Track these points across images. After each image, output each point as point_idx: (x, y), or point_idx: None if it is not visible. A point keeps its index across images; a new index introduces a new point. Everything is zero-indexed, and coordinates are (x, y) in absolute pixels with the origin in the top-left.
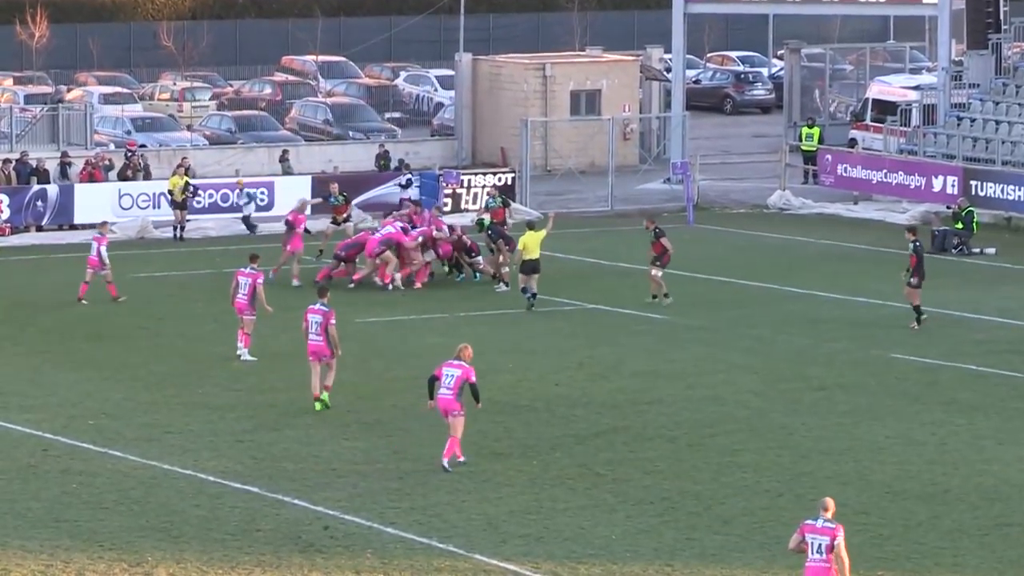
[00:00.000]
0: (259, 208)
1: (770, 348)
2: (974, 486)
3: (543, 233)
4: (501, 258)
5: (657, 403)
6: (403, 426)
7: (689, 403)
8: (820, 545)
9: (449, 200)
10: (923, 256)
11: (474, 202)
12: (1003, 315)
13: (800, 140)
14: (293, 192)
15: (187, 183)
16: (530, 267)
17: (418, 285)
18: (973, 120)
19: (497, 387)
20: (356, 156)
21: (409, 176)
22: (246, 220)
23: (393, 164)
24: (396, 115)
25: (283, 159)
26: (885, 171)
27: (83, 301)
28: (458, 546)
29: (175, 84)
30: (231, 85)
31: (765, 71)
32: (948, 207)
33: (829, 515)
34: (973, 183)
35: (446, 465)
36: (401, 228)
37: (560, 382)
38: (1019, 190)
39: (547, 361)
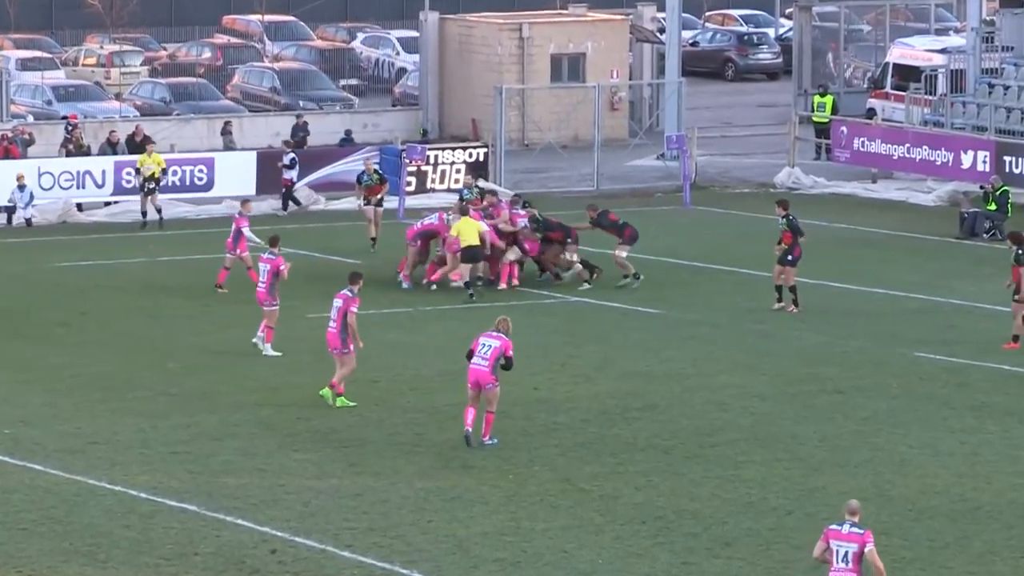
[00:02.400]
0: (197, 188)
1: (778, 346)
2: (1008, 502)
3: (480, 223)
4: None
5: (650, 409)
6: (361, 436)
7: (686, 408)
8: (847, 553)
9: (413, 179)
10: (799, 231)
11: (441, 180)
12: None
13: (811, 110)
14: (236, 170)
15: (162, 169)
16: (469, 255)
17: (504, 285)
18: (1007, 88)
19: (466, 390)
20: (308, 128)
21: (292, 155)
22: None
23: (340, 137)
24: (353, 82)
25: (225, 132)
26: (907, 145)
27: (221, 288)
28: (424, 572)
29: (102, 48)
30: (165, 49)
31: (772, 32)
32: (981, 187)
33: (856, 519)
34: (1007, 159)
35: (487, 441)
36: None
37: (540, 385)
38: None
39: (525, 361)
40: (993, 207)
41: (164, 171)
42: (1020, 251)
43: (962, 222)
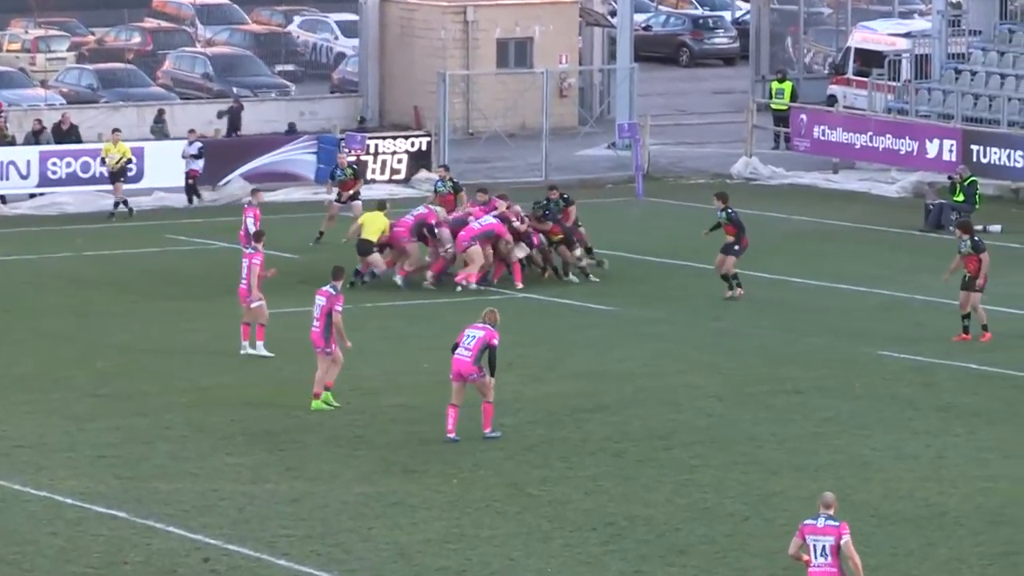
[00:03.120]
0: (126, 179)
1: (736, 344)
2: (975, 508)
3: (387, 222)
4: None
5: (601, 410)
6: (297, 438)
7: (639, 410)
8: (824, 547)
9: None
10: (742, 224)
11: (382, 171)
12: (1010, 304)
13: (769, 97)
14: (166, 160)
15: (128, 159)
16: (361, 248)
17: (520, 283)
18: (974, 73)
19: (409, 390)
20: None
21: (199, 143)
22: None
23: (285, 129)
24: (289, 68)
25: (159, 120)
26: (870, 134)
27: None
28: None
29: (27, 32)
30: (93, 33)
31: (728, 15)
32: (950, 177)
33: (831, 512)
34: (974, 148)
35: (488, 434)
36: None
37: None
38: None
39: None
40: (960, 198)
41: (130, 160)
42: (975, 239)
43: (927, 214)
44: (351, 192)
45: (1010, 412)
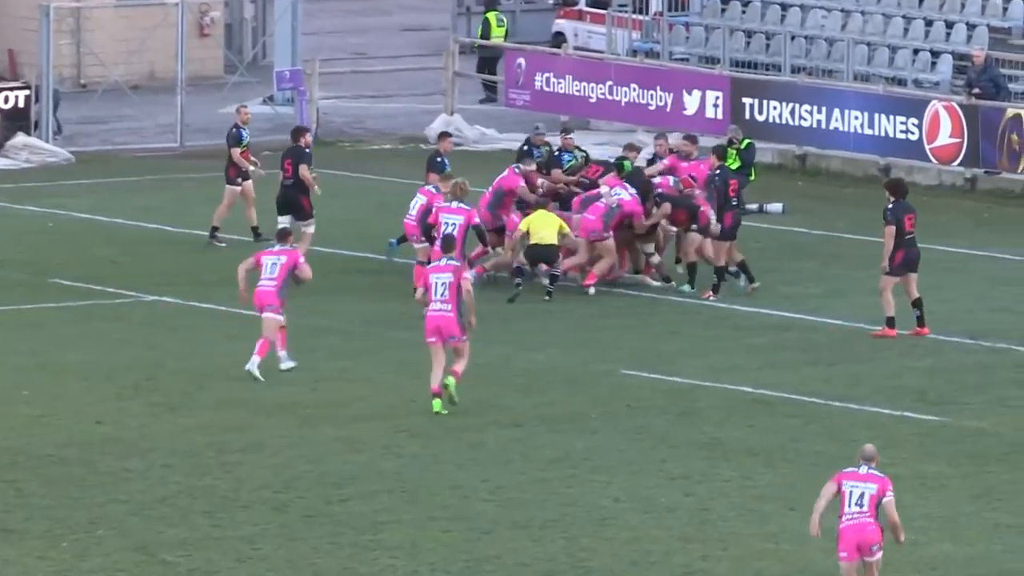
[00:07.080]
0: None
1: (426, 357)
2: (753, 575)
3: None
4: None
5: (256, 449)
6: None
7: (307, 450)
8: (863, 495)
9: None
10: (729, 189)
11: None
12: (793, 308)
13: (479, 36)
14: None
15: None
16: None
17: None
18: (746, 4)
19: (5, 426)
20: None
21: None
22: None
23: None
24: None
25: None
26: (610, 84)
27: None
28: None
29: None
30: None
31: None
32: (731, 140)
33: (874, 464)
34: (746, 101)
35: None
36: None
37: (105, 417)
38: (818, 112)
39: (84, 384)
40: (736, 165)
41: None
42: (889, 206)
43: None
44: (252, 161)
45: (794, 449)
